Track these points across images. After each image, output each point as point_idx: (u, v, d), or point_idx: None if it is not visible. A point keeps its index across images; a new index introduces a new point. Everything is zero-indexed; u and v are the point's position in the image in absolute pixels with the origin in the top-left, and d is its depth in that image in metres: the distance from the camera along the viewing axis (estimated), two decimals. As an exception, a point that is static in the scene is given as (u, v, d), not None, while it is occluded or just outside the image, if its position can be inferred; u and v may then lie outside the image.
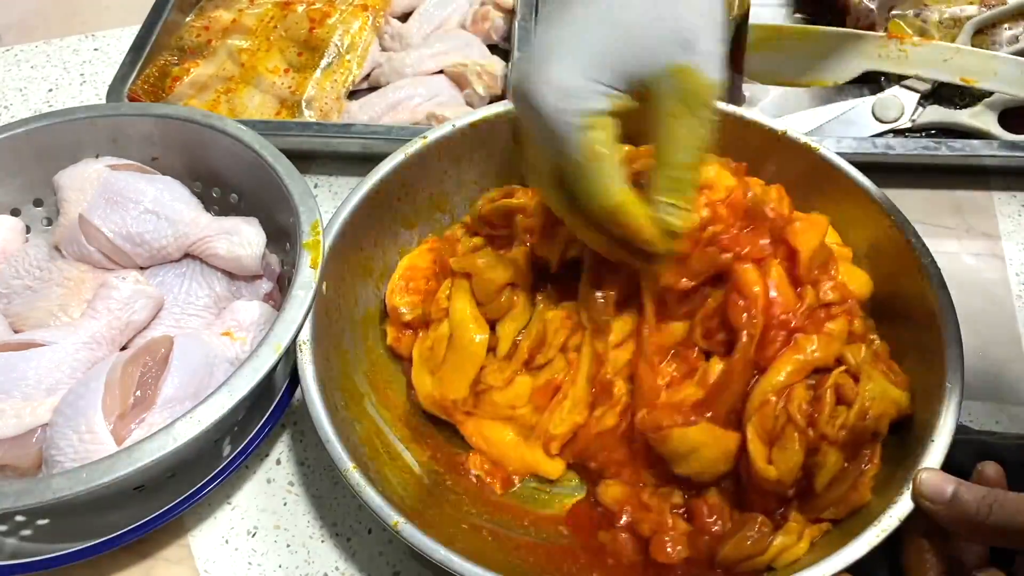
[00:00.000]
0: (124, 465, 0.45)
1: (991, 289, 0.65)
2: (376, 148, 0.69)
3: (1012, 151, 0.68)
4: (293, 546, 0.53)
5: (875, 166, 0.60)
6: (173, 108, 0.63)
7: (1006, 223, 0.69)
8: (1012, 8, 0.75)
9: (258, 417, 0.53)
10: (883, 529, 0.44)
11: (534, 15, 0.78)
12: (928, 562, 0.44)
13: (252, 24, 0.83)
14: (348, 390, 0.54)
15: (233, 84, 0.78)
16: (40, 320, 0.58)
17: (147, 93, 0.76)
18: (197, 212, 0.61)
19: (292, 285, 0.52)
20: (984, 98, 0.72)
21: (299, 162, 0.60)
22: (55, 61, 0.87)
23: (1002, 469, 0.45)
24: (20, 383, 0.51)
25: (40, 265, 0.60)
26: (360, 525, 0.54)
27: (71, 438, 0.48)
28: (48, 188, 0.62)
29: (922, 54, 0.72)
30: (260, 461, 0.57)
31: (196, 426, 0.46)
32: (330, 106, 0.76)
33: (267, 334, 0.50)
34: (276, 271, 0.63)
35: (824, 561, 0.43)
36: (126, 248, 0.59)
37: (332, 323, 0.55)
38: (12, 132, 0.61)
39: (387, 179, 0.59)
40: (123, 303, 0.56)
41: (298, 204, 0.56)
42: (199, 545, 0.53)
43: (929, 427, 0.47)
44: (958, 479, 0.43)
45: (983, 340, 0.61)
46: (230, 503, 0.55)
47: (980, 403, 0.58)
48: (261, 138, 0.60)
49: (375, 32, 0.82)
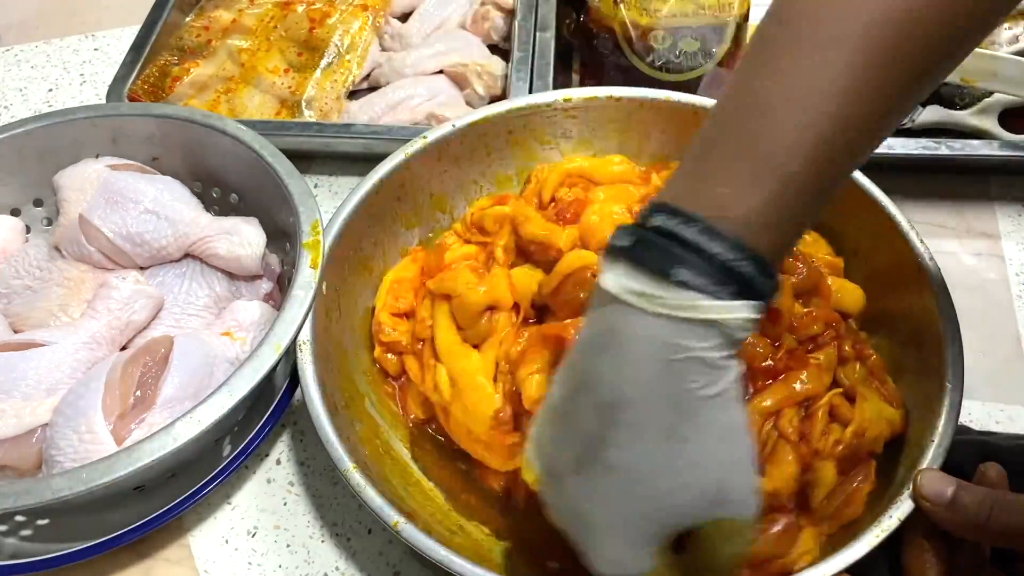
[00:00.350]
0: (124, 465, 0.45)
1: (991, 289, 0.65)
2: (376, 148, 0.69)
3: (1012, 151, 0.68)
4: (293, 546, 0.53)
5: (875, 166, 0.60)
6: (173, 108, 0.63)
7: (1006, 223, 0.69)
8: (1012, 8, 0.75)
9: (258, 417, 0.53)
10: (883, 529, 0.44)
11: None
12: (928, 562, 0.44)
13: (252, 24, 0.83)
14: (348, 390, 0.54)
15: (233, 84, 0.78)
16: (40, 320, 0.58)
17: (147, 93, 0.76)
18: (197, 212, 0.61)
19: (292, 285, 0.52)
20: (984, 98, 0.72)
21: (299, 162, 0.60)
22: (55, 61, 0.87)
23: (1004, 470, 0.45)
24: (20, 383, 0.51)
25: (40, 265, 0.60)
26: (360, 525, 0.54)
27: (71, 438, 0.48)
28: (48, 188, 0.62)
29: (922, 54, 0.72)
30: (260, 461, 0.57)
31: (196, 426, 0.46)
32: (330, 106, 0.76)
33: (267, 334, 0.50)
34: (276, 271, 0.63)
35: (824, 561, 0.43)
36: (126, 248, 0.59)
37: (332, 323, 0.55)
38: (12, 132, 0.61)
39: (387, 179, 0.59)
40: (123, 303, 0.56)
41: (298, 204, 0.56)
42: (199, 545, 0.53)
43: (929, 427, 0.47)
44: (958, 480, 0.43)
45: (983, 340, 0.61)
46: (230, 503, 0.55)
47: (980, 403, 0.58)
48: (261, 138, 0.60)
49: (375, 32, 0.82)
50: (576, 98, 0.63)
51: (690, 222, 0.35)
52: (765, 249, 0.35)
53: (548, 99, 0.63)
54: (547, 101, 0.63)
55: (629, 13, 0.72)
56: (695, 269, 0.34)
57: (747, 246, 0.34)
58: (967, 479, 0.44)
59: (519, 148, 0.64)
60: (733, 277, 0.34)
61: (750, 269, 0.34)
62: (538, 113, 0.63)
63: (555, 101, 0.63)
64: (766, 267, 0.35)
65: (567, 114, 0.63)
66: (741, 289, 0.34)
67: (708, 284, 0.34)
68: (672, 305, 0.34)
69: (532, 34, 0.77)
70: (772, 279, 0.36)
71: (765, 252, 0.35)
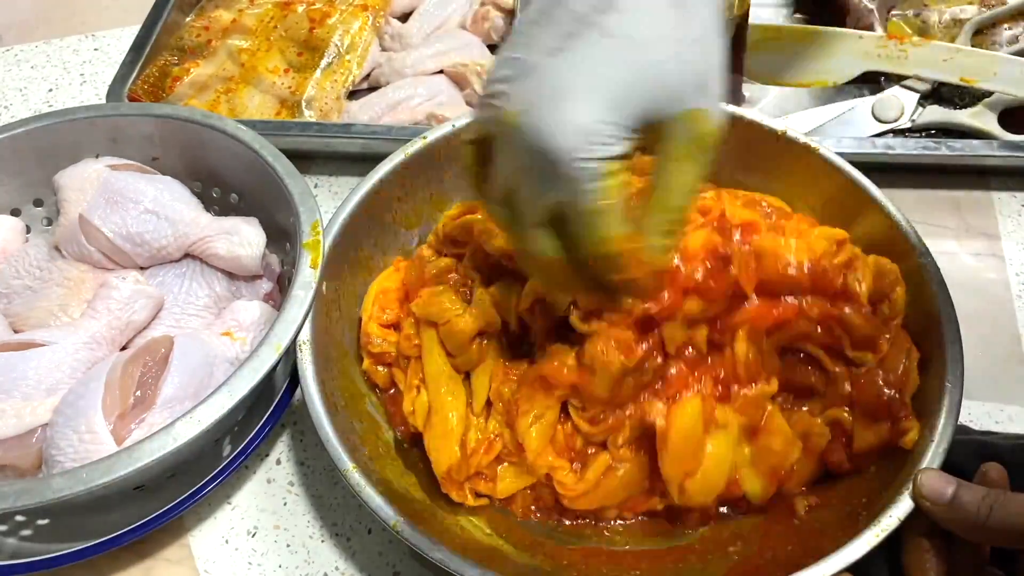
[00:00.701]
0: (124, 465, 0.45)
1: (991, 289, 0.65)
2: (376, 148, 0.69)
3: (1012, 151, 0.68)
4: (293, 546, 0.53)
5: (875, 166, 0.60)
6: (173, 108, 0.63)
7: (1006, 223, 0.69)
8: (1012, 8, 0.75)
9: (258, 417, 0.53)
10: (883, 529, 0.44)
11: None
12: (928, 562, 0.44)
13: (252, 24, 0.83)
14: (348, 390, 0.54)
15: (233, 84, 0.78)
16: (40, 320, 0.58)
17: (147, 93, 0.76)
18: (197, 212, 0.61)
19: (292, 285, 0.52)
20: (984, 98, 0.72)
21: (299, 162, 0.60)
22: (55, 61, 0.87)
23: (1004, 470, 0.45)
24: (20, 383, 0.51)
25: (40, 265, 0.60)
26: (360, 525, 0.54)
27: (71, 438, 0.48)
28: (48, 188, 0.62)
29: (922, 54, 0.72)
30: (260, 461, 0.57)
31: (196, 426, 0.46)
32: (330, 106, 0.76)
33: (267, 334, 0.50)
34: (276, 271, 0.63)
35: (824, 561, 0.43)
36: (126, 248, 0.59)
37: (332, 323, 0.55)
38: (12, 132, 0.61)
39: (387, 179, 0.59)
40: (123, 303, 0.56)
41: (298, 204, 0.56)
42: (199, 545, 0.53)
43: (929, 427, 0.47)
44: (958, 480, 0.43)
45: (983, 340, 0.61)
46: (230, 503, 0.55)
47: (980, 403, 0.58)
48: (261, 138, 0.60)
49: (375, 32, 0.82)
50: (576, 98, 0.63)
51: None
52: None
53: (548, 99, 0.63)
54: (547, 101, 0.63)
55: (629, 13, 0.72)
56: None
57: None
58: (967, 479, 0.44)
59: (519, 148, 0.64)
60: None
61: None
62: (538, 113, 0.63)
63: (555, 101, 0.63)
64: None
65: (567, 114, 0.63)
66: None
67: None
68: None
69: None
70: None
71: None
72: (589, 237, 0.37)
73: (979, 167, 0.71)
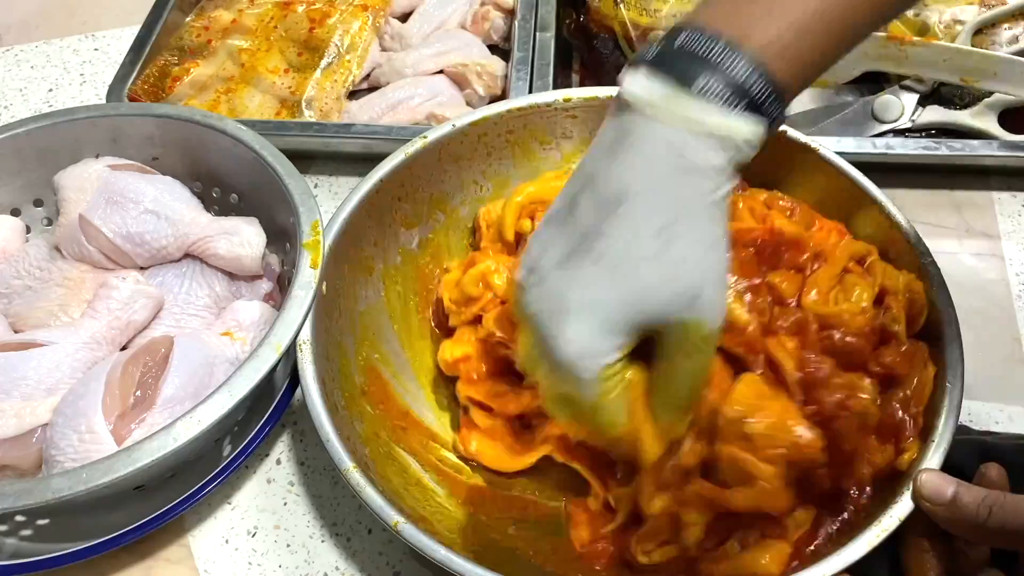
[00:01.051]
0: (124, 465, 0.45)
1: (991, 289, 0.65)
2: (376, 148, 0.69)
3: (1012, 151, 0.68)
4: (293, 546, 0.53)
5: (875, 166, 0.60)
6: (173, 108, 0.63)
7: (1006, 223, 0.69)
8: (1012, 8, 0.74)
9: (258, 417, 0.53)
10: (883, 529, 0.43)
11: None
12: (928, 562, 0.44)
13: (252, 24, 0.83)
14: (348, 390, 0.54)
15: (233, 84, 0.78)
16: (40, 320, 0.58)
17: (147, 93, 0.76)
18: (197, 212, 0.61)
19: (292, 285, 0.52)
20: (984, 98, 0.72)
21: (299, 162, 0.60)
22: (55, 61, 0.87)
23: (1004, 470, 0.45)
24: (20, 383, 0.51)
25: (40, 265, 0.60)
26: (360, 525, 0.54)
27: (71, 438, 0.48)
28: (48, 188, 0.62)
29: (922, 54, 0.72)
30: (260, 461, 0.57)
31: (196, 426, 0.46)
32: (330, 106, 0.76)
33: (267, 334, 0.50)
34: (276, 271, 0.63)
35: (824, 561, 0.43)
36: (126, 248, 0.59)
37: (332, 323, 0.55)
38: (12, 132, 0.61)
39: (387, 179, 0.59)
40: (123, 303, 0.56)
41: (298, 204, 0.56)
42: (199, 545, 0.53)
43: (929, 427, 0.47)
44: (958, 480, 0.43)
45: (983, 340, 0.61)
46: (230, 503, 0.55)
47: (980, 403, 0.58)
48: (261, 138, 0.60)
49: (375, 32, 0.82)
50: (576, 98, 0.63)
51: (714, 40, 0.38)
52: (779, 76, 0.38)
53: (548, 99, 0.63)
54: (547, 101, 0.63)
55: (629, 13, 0.72)
56: (715, 79, 0.37)
57: (765, 68, 0.38)
58: (967, 479, 0.44)
59: (519, 148, 0.64)
60: (748, 93, 0.37)
61: (764, 89, 0.37)
62: (538, 113, 0.63)
63: (555, 101, 0.63)
64: (778, 91, 0.38)
65: (567, 114, 0.63)
66: (752, 106, 0.37)
67: (725, 94, 0.37)
68: (688, 113, 0.37)
69: (532, 34, 0.77)
70: (781, 105, 0.39)
71: (779, 79, 0.38)
72: (590, 421, 0.40)
73: (979, 167, 0.71)
